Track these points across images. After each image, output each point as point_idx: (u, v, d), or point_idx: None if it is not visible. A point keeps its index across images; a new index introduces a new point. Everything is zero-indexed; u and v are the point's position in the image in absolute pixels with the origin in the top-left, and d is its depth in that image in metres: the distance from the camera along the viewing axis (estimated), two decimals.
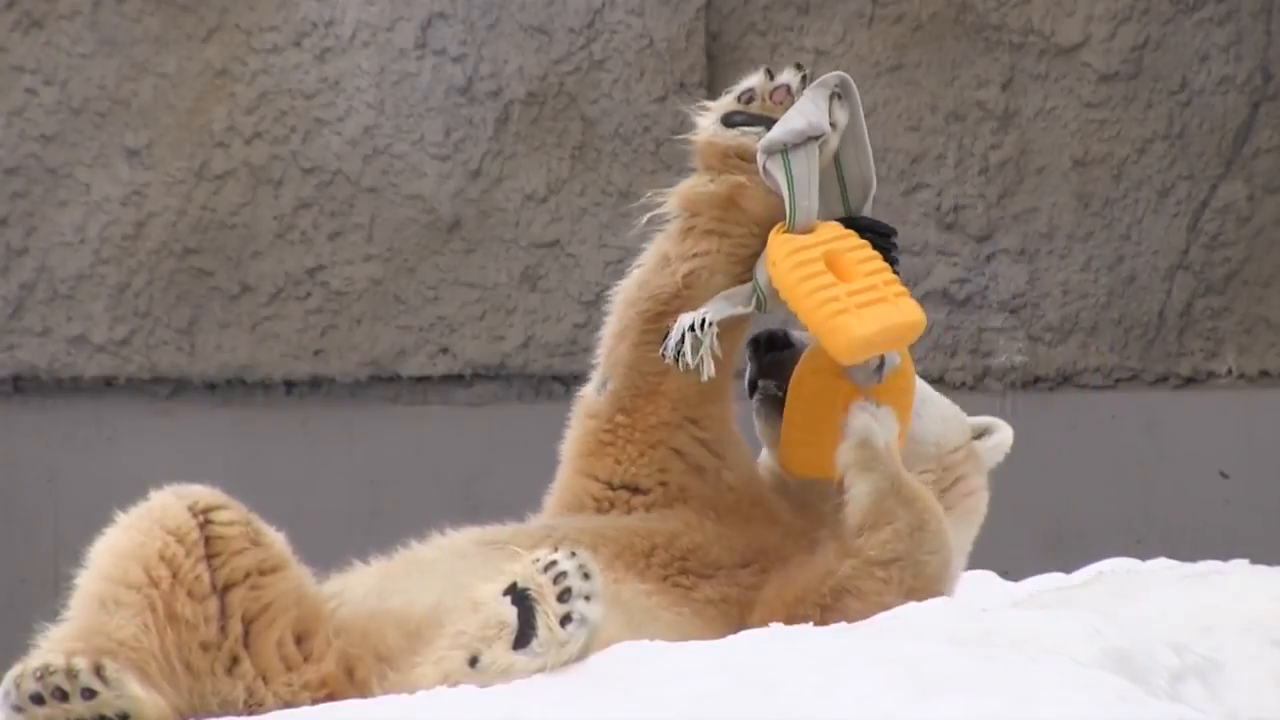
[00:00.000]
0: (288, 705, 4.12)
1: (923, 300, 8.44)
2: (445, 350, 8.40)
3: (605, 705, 3.68)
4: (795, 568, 4.55)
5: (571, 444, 4.76)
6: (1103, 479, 8.43)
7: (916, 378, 4.79)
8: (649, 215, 4.66)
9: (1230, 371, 8.48)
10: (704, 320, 4.51)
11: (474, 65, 8.39)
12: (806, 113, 4.51)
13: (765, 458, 4.89)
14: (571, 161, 8.41)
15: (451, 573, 4.29)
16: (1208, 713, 3.93)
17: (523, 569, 3.91)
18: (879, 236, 4.59)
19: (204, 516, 4.24)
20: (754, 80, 4.59)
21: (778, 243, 4.50)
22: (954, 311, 8.47)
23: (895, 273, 4.53)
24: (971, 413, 5.08)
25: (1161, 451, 8.46)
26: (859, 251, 4.51)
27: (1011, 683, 3.67)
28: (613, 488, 4.69)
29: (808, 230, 4.50)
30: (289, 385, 8.42)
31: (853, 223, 4.60)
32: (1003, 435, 5.08)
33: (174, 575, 4.18)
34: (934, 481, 4.90)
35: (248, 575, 4.24)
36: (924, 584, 4.47)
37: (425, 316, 8.39)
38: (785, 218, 4.51)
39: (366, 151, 8.37)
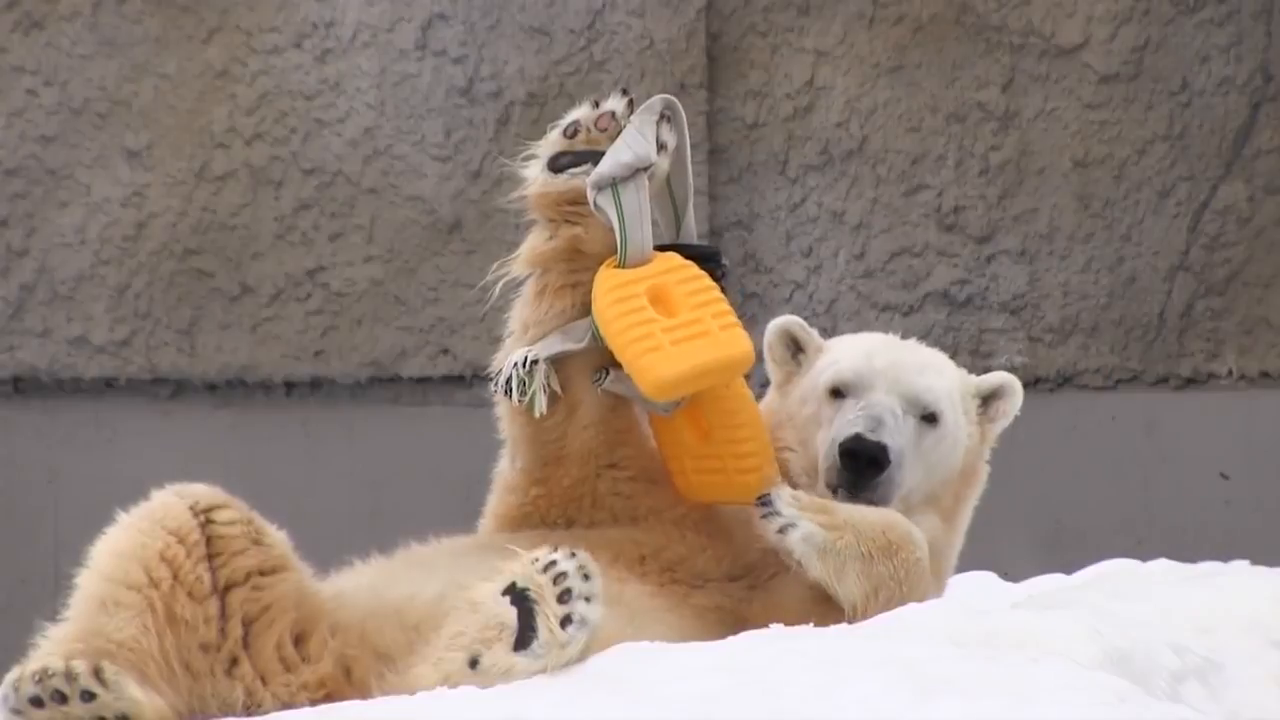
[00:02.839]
0: (286, 706, 4.13)
1: (923, 301, 8.46)
2: (446, 351, 8.40)
3: (605, 705, 3.68)
4: (776, 596, 4.53)
5: (495, 508, 4.71)
6: (1103, 479, 8.42)
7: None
8: (502, 282, 4.61)
9: (1230, 372, 8.48)
10: (526, 359, 4.48)
11: (474, 66, 8.38)
12: (633, 144, 4.45)
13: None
14: None
15: (453, 568, 4.29)
16: (1208, 713, 3.94)
17: (522, 568, 3.90)
18: (705, 261, 4.52)
19: (205, 516, 4.24)
20: (578, 112, 4.52)
21: (602, 278, 4.45)
22: (954, 312, 8.46)
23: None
24: None
25: (1161, 452, 8.45)
26: (689, 284, 4.45)
27: (1012, 684, 3.68)
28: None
29: (643, 263, 4.45)
30: (289, 386, 8.42)
31: (683, 249, 4.53)
32: (1013, 400, 4.88)
33: (174, 576, 4.17)
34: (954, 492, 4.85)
35: (249, 576, 4.23)
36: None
37: (425, 317, 8.39)
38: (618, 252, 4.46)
39: (367, 152, 8.37)
